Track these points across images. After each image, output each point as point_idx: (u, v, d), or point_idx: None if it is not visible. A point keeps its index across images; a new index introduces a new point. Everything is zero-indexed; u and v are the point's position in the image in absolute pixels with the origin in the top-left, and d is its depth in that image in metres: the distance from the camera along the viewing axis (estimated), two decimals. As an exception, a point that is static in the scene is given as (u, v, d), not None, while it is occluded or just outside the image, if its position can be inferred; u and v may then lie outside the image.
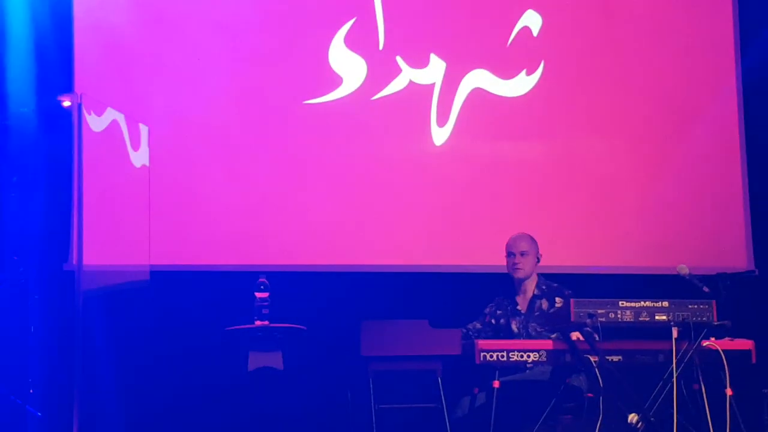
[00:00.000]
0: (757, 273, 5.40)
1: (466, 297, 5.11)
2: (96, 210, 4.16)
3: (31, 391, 4.16)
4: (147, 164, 4.56)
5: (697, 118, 5.84)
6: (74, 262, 4.19)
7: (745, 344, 4.33)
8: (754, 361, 4.33)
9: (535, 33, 5.64)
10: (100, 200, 4.24)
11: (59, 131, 4.82)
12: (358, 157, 5.43)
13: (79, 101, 4.03)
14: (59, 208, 4.81)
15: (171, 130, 5.15)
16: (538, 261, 4.83)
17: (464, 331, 4.70)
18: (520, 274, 4.77)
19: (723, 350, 4.15)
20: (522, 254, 4.77)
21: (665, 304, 4.17)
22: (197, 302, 5.09)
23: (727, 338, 4.25)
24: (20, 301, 4.40)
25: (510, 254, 4.79)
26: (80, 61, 5.12)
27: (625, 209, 5.67)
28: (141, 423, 4.61)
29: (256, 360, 4.35)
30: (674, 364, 4.07)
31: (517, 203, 5.53)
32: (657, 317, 4.16)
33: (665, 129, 5.78)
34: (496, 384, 4.26)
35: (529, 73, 5.61)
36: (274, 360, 4.35)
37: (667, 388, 4.10)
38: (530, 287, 4.81)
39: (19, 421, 4.16)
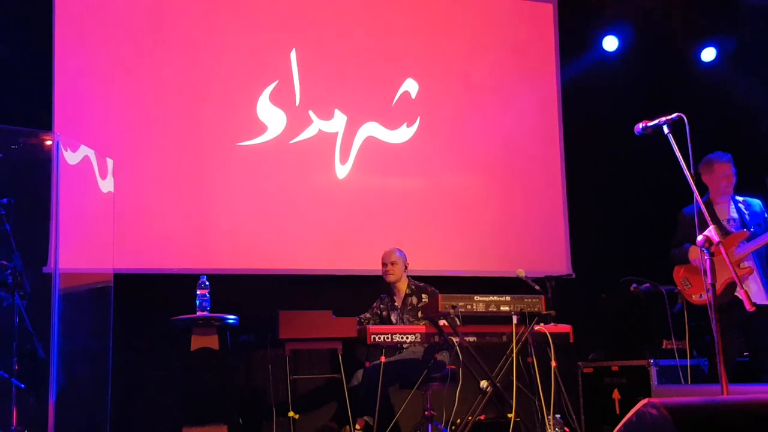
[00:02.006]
0: (573, 276, 5.87)
1: (361, 293, 5.21)
2: (70, 226, 4.10)
3: (16, 367, 3.70)
4: (112, 190, 4.54)
5: (531, 161, 6.04)
6: (52, 266, 4.13)
7: (565, 328, 4.56)
8: (572, 341, 4.57)
9: (413, 96, 5.79)
10: (74, 219, 4.19)
11: (41, 165, 4.29)
12: (279, 187, 5.41)
13: (58, 140, 4.02)
14: (42, 224, 4.45)
15: (133, 162, 5.13)
16: (406, 268, 4.91)
17: (359, 319, 4.80)
18: (390, 278, 4.88)
19: (549, 333, 4.34)
20: (392, 264, 4.86)
21: (508, 298, 4.36)
22: (152, 298, 5.03)
23: (552, 324, 4.47)
24: (7, 296, 3.90)
25: (383, 264, 4.90)
26: (59, 104, 5.02)
27: (480, 228, 5.82)
28: (110, 398, 4.33)
29: (197, 342, 4.29)
30: (514, 343, 4.24)
31: (400, 223, 5.63)
32: (502, 308, 4.33)
33: (508, 168, 5.98)
34: (383, 359, 4.41)
35: (409, 126, 5.74)
36: (212, 342, 4.29)
37: (509, 361, 4.30)
38: (402, 288, 4.92)
39: (6, 390, 3.76)
